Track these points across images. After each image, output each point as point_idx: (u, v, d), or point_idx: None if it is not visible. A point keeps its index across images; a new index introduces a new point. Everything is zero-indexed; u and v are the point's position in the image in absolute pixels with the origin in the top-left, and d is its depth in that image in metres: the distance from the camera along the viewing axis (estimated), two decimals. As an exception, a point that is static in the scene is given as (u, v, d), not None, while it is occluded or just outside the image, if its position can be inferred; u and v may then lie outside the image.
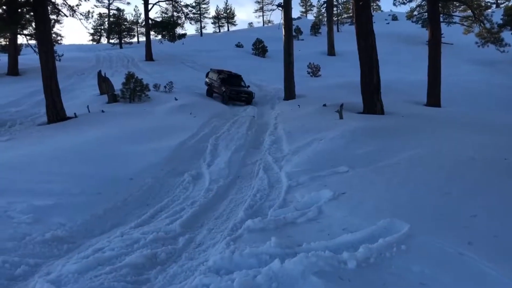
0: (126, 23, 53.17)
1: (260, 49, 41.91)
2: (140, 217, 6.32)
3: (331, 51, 41.96)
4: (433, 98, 19.48)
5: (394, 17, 71.54)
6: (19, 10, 16.63)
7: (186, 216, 6.07)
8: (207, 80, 23.71)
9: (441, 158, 7.55)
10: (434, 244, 4.29)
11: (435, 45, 19.82)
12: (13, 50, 28.99)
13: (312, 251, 4.06)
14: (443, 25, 22.24)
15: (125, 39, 52.80)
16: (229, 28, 78.28)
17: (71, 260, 4.67)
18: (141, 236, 5.26)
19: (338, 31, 56.50)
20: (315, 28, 57.53)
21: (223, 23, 77.96)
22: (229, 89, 21.42)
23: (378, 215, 5.02)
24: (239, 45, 46.48)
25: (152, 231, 5.46)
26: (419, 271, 3.81)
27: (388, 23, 64.94)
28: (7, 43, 28.43)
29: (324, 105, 16.42)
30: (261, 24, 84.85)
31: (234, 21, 78.81)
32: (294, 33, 45.43)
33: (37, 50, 17.51)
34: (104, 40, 62.34)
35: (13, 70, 28.58)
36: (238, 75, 23.48)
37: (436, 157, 7.67)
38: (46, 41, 16.11)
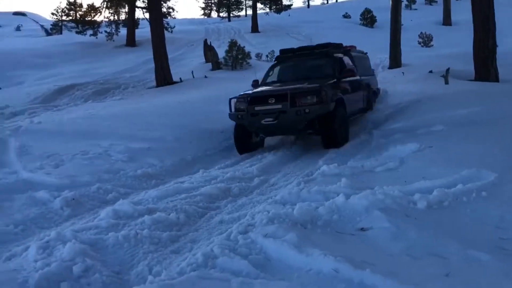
0: (235, -4, 54.39)
1: (368, 19, 40.17)
2: (224, 163, 6.60)
3: (446, 21, 38.76)
4: None
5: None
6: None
7: (265, 162, 6.21)
8: None
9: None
10: (522, 193, 3.86)
11: None
12: (131, 23, 31.41)
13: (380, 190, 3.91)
14: None
15: (234, 12, 54.15)
16: (338, -1, 76.07)
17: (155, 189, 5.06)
18: (220, 174, 5.52)
19: (456, -2, 51.84)
20: (430, -4, 53.42)
21: (331, -6, 76.06)
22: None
23: (464, 166, 4.63)
24: (346, 16, 45.01)
25: (231, 171, 5.68)
26: (498, 215, 3.46)
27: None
28: (126, 16, 30.80)
29: (430, 71, 15.39)
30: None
31: (343, -8, 76.46)
32: (406, 2, 42.87)
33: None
34: (214, 14, 64.60)
35: (131, 41, 31.01)
36: (321, 48, 8.98)
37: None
38: (156, 9, 17.21)
